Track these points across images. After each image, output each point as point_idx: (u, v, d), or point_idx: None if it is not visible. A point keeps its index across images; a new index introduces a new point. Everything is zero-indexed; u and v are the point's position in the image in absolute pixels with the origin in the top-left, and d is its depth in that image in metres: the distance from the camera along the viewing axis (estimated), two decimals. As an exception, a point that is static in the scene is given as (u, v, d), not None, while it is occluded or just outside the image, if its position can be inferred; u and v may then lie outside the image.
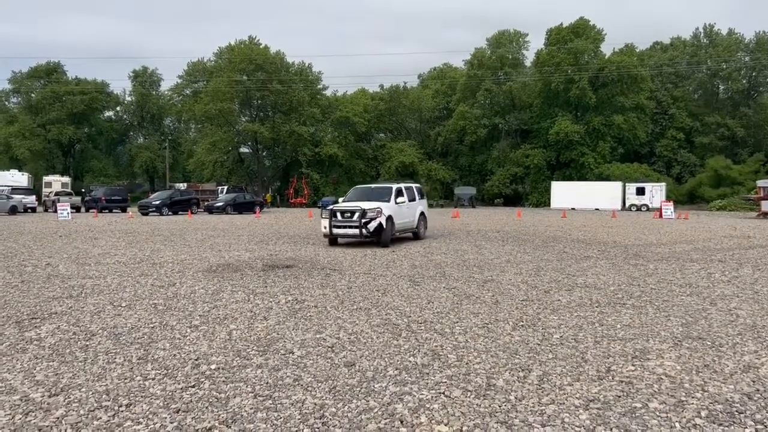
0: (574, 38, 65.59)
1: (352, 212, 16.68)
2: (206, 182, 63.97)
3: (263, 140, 67.35)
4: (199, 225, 27.56)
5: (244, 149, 73.26)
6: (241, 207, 43.20)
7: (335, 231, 16.83)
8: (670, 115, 69.31)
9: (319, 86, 72.42)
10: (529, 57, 74.30)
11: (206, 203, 44.20)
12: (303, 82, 69.00)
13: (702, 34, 73.73)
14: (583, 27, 67.38)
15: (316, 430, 4.08)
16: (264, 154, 73.52)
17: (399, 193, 18.38)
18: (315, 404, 4.53)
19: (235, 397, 4.68)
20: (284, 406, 4.51)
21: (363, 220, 16.40)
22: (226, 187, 55.53)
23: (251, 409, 4.45)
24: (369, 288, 9.85)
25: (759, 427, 4.09)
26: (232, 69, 66.57)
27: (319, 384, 4.98)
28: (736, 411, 4.38)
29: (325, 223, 17.08)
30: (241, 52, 67.09)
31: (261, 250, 16.03)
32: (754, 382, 5.03)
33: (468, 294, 9.32)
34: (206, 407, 4.49)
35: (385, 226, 16.57)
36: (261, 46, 69.07)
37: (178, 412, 4.39)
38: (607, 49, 70.05)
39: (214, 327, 7.00)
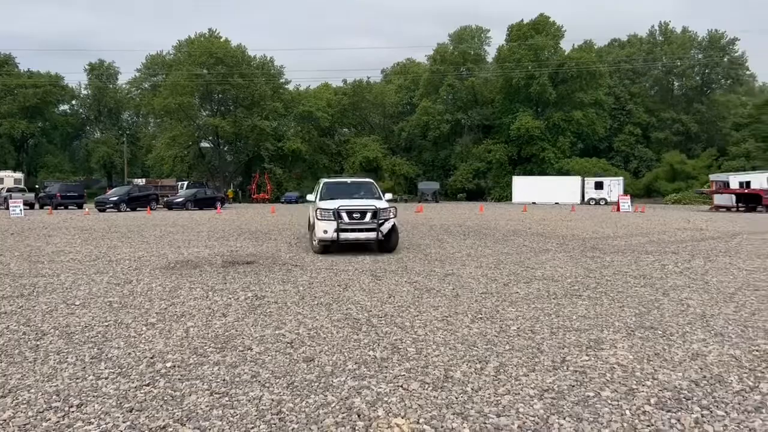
0: (535, 34, 66.51)
1: (363, 212, 13.82)
2: (166, 178, 62.83)
3: (224, 135, 66.46)
4: (158, 221, 27.06)
5: (205, 144, 72.18)
6: (202, 202, 42.53)
7: (343, 236, 13.66)
8: (627, 110, 70.97)
9: (281, 80, 71.83)
10: (490, 53, 75.15)
11: (166, 199, 43.37)
12: (265, 76, 68.31)
13: (657, 32, 75.66)
14: (543, 23, 68.43)
15: (273, 425, 4.06)
16: (225, 148, 72.59)
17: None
18: (272, 400, 4.50)
19: (190, 395, 4.62)
20: (241, 402, 4.46)
21: (377, 222, 13.81)
22: (186, 183, 54.61)
23: (207, 406, 4.40)
24: (330, 283, 9.82)
25: (705, 412, 4.23)
26: (191, 62, 65.44)
27: (277, 380, 4.95)
28: (684, 397, 4.52)
29: (327, 226, 13.57)
30: (201, 46, 66.01)
31: (221, 246, 15.83)
32: (701, 369, 5.19)
33: (429, 287, 9.37)
34: (161, 406, 4.42)
35: (395, 228, 14.45)
36: (221, 40, 68.07)
37: (131, 411, 4.30)
38: (566, 45, 71.41)
39: (170, 324, 6.88)
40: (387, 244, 14.20)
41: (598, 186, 55.90)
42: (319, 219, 13.79)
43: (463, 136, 71.16)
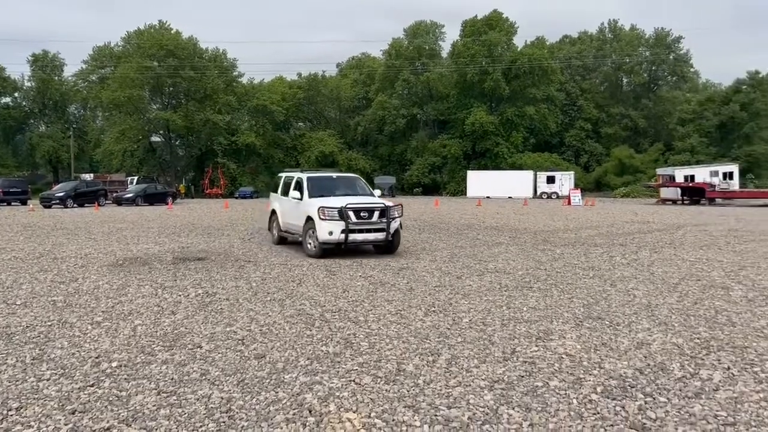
0: (488, 30, 67.23)
1: (371, 211, 12.48)
2: (115, 173, 61.09)
3: (176, 129, 64.90)
4: (106, 217, 26.31)
5: (155, 138, 70.32)
6: (153, 198, 41.61)
7: (353, 237, 12.28)
8: (578, 106, 72.50)
9: (234, 73, 70.58)
10: (445, 48, 75.63)
11: (115, 194, 42.26)
12: (217, 69, 66.97)
13: (607, 29, 77.50)
14: (496, 19, 69.18)
15: (222, 424, 3.99)
16: (177, 143, 70.92)
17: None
18: (222, 398, 4.43)
19: (137, 395, 4.50)
20: (189, 401, 4.38)
21: (386, 221, 12.57)
22: (136, 178, 53.26)
23: (154, 406, 4.29)
24: (284, 279, 9.73)
25: (648, 399, 4.35)
26: (141, 54, 63.59)
27: (227, 377, 4.87)
28: (629, 385, 4.64)
29: (332, 227, 12.06)
30: (151, 37, 64.25)
31: (172, 242, 15.50)
32: (645, 357, 5.35)
33: (383, 282, 9.40)
34: (105, 406, 4.29)
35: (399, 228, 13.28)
36: (172, 32, 66.47)
37: (74, 413, 4.17)
38: (519, 41, 72.44)
39: (117, 323, 6.70)
40: (391, 245, 13.05)
41: (550, 180, 57.02)
42: (322, 219, 12.13)
43: (418, 130, 71.49)
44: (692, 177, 43.83)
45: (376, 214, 12.55)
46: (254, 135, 66.11)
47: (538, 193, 57.05)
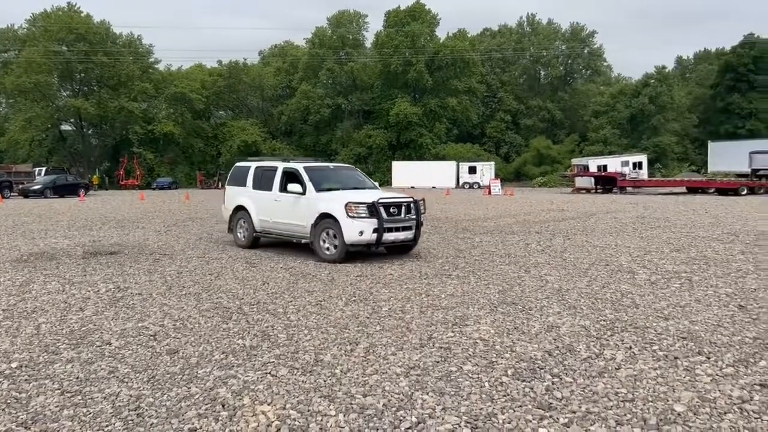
0: (411, 21, 67.73)
1: (399, 206, 11.00)
2: (21, 163, 57.55)
3: (88, 117, 61.86)
4: (10, 210, 24.77)
5: (66, 127, 66.77)
6: (63, 190, 39.50)
7: (386, 237, 10.67)
8: (498, 98, 74.49)
9: (150, 60, 67.88)
10: (369, 38, 75.61)
11: (21, 186, 39.86)
12: (132, 55, 64.19)
13: (525, 23, 79.79)
14: (419, 11, 69.74)
15: (130, 422, 3.85)
16: (90, 131, 67.61)
17: None
18: (130, 396, 4.27)
19: (38, 396, 4.28)
20: (95, 400, 4.20)
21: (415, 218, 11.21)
22: (44, 169, 50.42)
23: (57, 407, 4.09)
24: (201, 272, 9.49)
25: (555, 380, 4.54)
26: (48, 38, 60.06)
27: (137, 374, 4.70)
28: (538, 367, 4.82)
29: (363, 225, 10.37)
30: (59, 20, 60.79)
31: (83, 236, 14.78)
32: (555, 339, 5.57)
33: (305, 273, 9.34)
34: (2, 409, 4.06)
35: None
36: (82, 14, 63.13)
37: (-34, 419, 3.91)
38: (441, 33, 73.43)
39: (19, 321, 6.34)
40: (413, 245, 11.65)
41: (472, 171, 58.33)
42: (350, 216, 10.41)
43: (343, 120, 71.23)
44: (605, 167, 45.88)
45: (404, 209, 11.07)
46: (172, 124, 63.91)
47: (461, 183, 58.21)
